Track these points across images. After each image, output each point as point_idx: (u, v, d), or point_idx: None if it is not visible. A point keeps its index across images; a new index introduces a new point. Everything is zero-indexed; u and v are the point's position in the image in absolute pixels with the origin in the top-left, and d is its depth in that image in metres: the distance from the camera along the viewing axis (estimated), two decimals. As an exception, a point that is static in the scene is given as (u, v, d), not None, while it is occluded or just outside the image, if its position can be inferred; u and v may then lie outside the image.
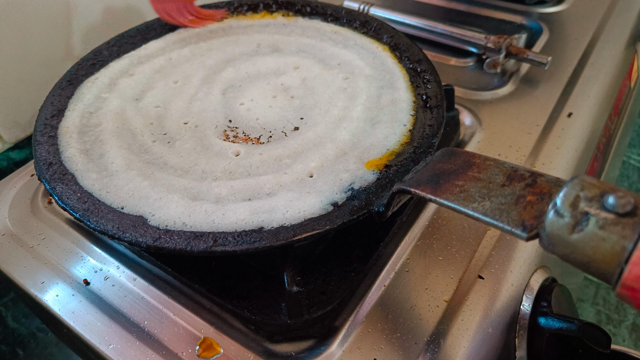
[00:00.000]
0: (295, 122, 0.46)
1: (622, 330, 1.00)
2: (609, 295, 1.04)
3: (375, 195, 0.37)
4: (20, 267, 0.43)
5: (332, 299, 0.37)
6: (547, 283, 0.42)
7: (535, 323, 0.39)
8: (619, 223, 0.22)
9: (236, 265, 0.40)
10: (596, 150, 0.59)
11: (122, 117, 0.46)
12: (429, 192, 0.30)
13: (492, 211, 0.27)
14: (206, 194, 0.39)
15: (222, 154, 0.43)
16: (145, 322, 0.38)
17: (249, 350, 0.36)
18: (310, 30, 0.57)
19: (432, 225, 0.44)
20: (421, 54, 0.51)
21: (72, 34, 0.64)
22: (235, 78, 0.51)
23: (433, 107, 0.46)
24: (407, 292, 0.39)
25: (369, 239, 0.41)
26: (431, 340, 0.36)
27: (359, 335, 0.36)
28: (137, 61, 0.53)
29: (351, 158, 0.41)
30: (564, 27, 0.69)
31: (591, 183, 0.24)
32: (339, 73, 0.51)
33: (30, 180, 0.52)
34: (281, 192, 0.38)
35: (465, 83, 0.61)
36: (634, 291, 0.21)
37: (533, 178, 0.28)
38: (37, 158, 0.42)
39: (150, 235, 0.35)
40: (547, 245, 0.24)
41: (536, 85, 0.59)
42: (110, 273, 0.42)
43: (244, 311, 0.37)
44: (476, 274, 0.40)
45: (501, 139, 0.52)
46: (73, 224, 0.47)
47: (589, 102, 0.57)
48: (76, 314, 0.39)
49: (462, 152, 0.33)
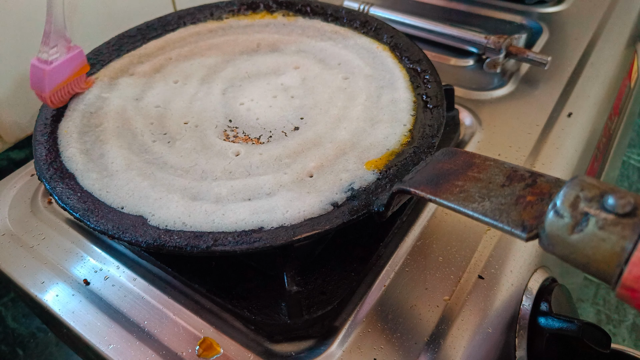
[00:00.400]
0: (295, 122, 0.46)
1: (622, 330, 1.00)
2: (609, 295, 1.04)
3: (375, 195, 0.37)
4: (20, 267, 0.43)
5: (332, 299, 0.37)
6: (547, 283, 0.42)
7: (535, 323, 0.39)
8: (619, 223, 0.22)
9: (236, 265, 0.40)
10: (596, 150, 0.59)
11: (122, 117, 0.46)
12: (429, 192, 0.30)
13: (492, 211, 0.27)
14: (206, 194, 0.39)
15: (222, 154, 0.43)
16: (145, 322, 0.38)
17: (249, 350, 0.36)
18: (310, 30, 0.57)
19: (432, 225, 0.44)
20: (421, 54, 0.51)
21: (72, 34, 0.64)
22: (235, 78, 0.51)
23: (433, 107, 0.46)
24: (407, 292, 0.39)
25: (369, 239, 0.41)
26: (431, 340, 0.36)
27: (359, 335, 0.36)
28: (137, 61, 0.53)
29: (351, 158, 0.41)
30: (564, 27, 0.69)
31: (591, 183, 0.24)
32: (339, 73, 0.51)
33: (30, 180, 0.52)
34: (281, 192, 0.38)
35: (465, 83, 0.61)
36: (633, 291, 0.21)
37: (533, 178, 0.28)
38: (37, 158, 0.42)
39: (150, 235, 0.35)
40: (546, 246, 0.24)
41: (536, 85, 0.59)
42: (110, 273, 0.42)
43: (244, 311, 0.37)
44: (476, 274, 0.40)
45: (501, 139, 0.52)
46: (73, 224, 0.47)
47: (589, 102, 0.57)
48: (76, 314, 0.39)
49: (462, 152, 0.33)
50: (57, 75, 0.45)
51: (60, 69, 0.46)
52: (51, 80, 0.45)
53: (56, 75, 0.45)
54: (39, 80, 0.45)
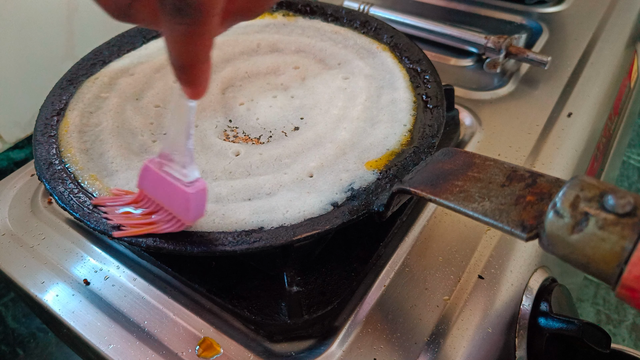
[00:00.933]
0: (295, 122, 0.46)
1: (622, 330, 1.00)
2: (609, 295, 1.04)
3: (375, 195, 0.37)
4: (20, 267, 0.43)
5: (332, 299, 0.37)
6: (547, 283, 0.42)
7: (535, 323, 0.39)
8: (619, 223, 0.22)
9: (236, 265, 0.40)
10: (596, 150, 0.59)
11: (122, 117, 0.46)
12: (429, 192, 0.30)
13: (492, 211, 0.27)
14: (206, 194, 0.39)
15: (222, 154, 0.43)
16: (145, 322, 0.38)
17: (249, 350, 0.36)
18: (310, 30, 0.57)
19: (432, 225, 0.44)
20: (421, 54, 0.51)
21: (72, 34, 0.64)
22: (235, 78, 0.51)
23: (433, 107, 0.46)
24: (407, 292, 0.39)
25: (369, 239, 0.41)
26: (431, 340, 0.36)
27: (359, 335, 0.36)
28: (137, 61, 0.53)
29: (351, 158, 0.41)
30: (564, 27, 0.69)
31: (591, 183, 0.24)
32: (339, 73, 0.51)
33: (30, 180, 0.52)
34: (281, 192, 0.38)
35: (465, 83, 0.61)
36: (633, 291, 0.21)
37: (533, 178, 0.28)
38: (37, 158, 0.42)
39: (150, 235, 0.35)
40: (546, 246, 0.24)
41: (536, 85, 0.59)
42: (110, 273, 0.42)
43: (244, 311, 0.37)
44: (476, 274, 0.40)
45: (501, 139, 0.52)
46: (73, 224, 0.47)
47: (589, 102, 0.57)
48: (76, 314, 0.39)
49: (462, 152, 0.33)
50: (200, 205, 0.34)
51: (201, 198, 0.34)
52: (196, 209, 0.34)
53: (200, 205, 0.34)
54: (181, 203, 0.33)
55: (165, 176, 0.34)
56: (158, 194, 0.35)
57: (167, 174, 0.34)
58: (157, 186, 0.35)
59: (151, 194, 0.36)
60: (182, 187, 0.33)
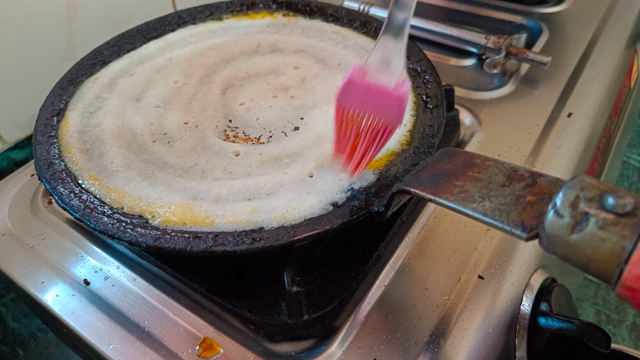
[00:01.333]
0: (295, 122, 0.46)
1: (622, 330, 1.00)
2: (609, 295, 1.04)
3: (375, 195, 0.37)
4: (20, 267, 0.43)
5: (332, 299, 0.37)
6: (547, 283, 0.42)
7: (535, 323, 0.39)
8: (619, 223, 0.22)
9: (236, 265, 0.40)
10: (596, 150, 0.59)
11: (122, 117, 0.46)
12: (429, 192, 0.30)
13: (492, 211, 0.27)
14: (206, 194, 0.39)
15: (222, 154, 0.43)
16: (145, 322, 0.38)
17: (249, 350, 0.36)
18: (310, 30, 0.57)
19: (432, 225, 0.44)
20: (421, 54, 0.51)
21: (72, 34, 0.64)
22: (235, 78, 0.51)
23: (433, 107, 0.46)
24: (407, 292, 0.39)
25: (369, 239, 0.41)
26: (431, 340, 0.36)
27: (359, 335, 0.36)
28: (137, 61, 0.53)
29: (351, 158, 0.41)
30: (564, 27, 0.69)
31: (591, 183, 0.24)
32: (339, 73, 0.51)
33: (30, 180, 0.52)
34: (281, 192, 0.38)
35: (465, 83, 0.61)
36: (633, 291, 0.21)
37: (533, 178, 0.28)
38: (37, 158, 0.42)
39: (150, 235, 0.35)
40: (546, 246, 0.24)
41: (536, 85, 0.59)
42: (110, 273, 0.42)
43: (244, 311, 0.37)
44: (476, 274, 0.40)
45: (501, 139, 0.52)
46: (73, 224, 0.47)
47: (589, 102, 0.57)
48: (76, 314, 0.39)
49: (462, 152, 0.33)
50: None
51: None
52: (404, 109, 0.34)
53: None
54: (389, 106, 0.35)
55: (373, 86, 0.36)
56: (365, 104, 0.37)
57: (372, 84, 0.36)
58: (364, 97, 0.37)
59: (355, 106, 0.37)
60: (392, 93, 0.35)
